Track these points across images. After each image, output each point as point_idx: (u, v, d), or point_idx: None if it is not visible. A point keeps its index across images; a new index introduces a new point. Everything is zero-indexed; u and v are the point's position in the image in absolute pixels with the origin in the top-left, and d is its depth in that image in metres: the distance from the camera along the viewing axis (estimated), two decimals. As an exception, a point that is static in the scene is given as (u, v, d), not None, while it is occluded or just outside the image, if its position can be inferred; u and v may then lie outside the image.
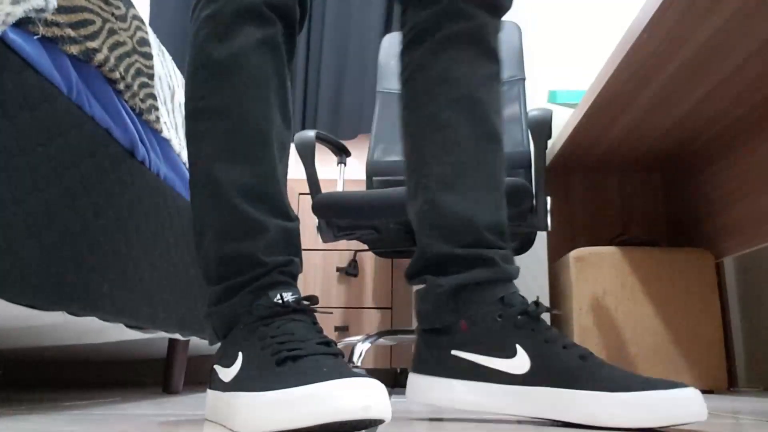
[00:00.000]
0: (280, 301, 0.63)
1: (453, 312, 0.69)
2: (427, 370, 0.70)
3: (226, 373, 0.62)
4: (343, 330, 1.99)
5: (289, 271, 0.68)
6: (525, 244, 1.72)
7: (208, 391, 0.68)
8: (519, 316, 0.66)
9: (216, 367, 0.66)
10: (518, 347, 0.65)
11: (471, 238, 0.70)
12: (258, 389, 0.54)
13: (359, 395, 0.49)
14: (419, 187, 0.74)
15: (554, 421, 0.63)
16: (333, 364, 0.55)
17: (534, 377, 0.63)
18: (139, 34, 1.01)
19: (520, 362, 0.64)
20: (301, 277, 2.04)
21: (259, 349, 0.60)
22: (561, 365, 0.62)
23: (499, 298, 0.68)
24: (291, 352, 0.57)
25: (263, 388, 0.53)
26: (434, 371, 0.70)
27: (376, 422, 0.51)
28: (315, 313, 0.65)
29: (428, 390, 0.70)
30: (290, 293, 0.64)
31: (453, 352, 0.68)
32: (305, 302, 0.65)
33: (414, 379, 0.72)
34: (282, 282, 0.66)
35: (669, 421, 0.56)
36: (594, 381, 0.60)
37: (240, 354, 0.62)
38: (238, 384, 0.58)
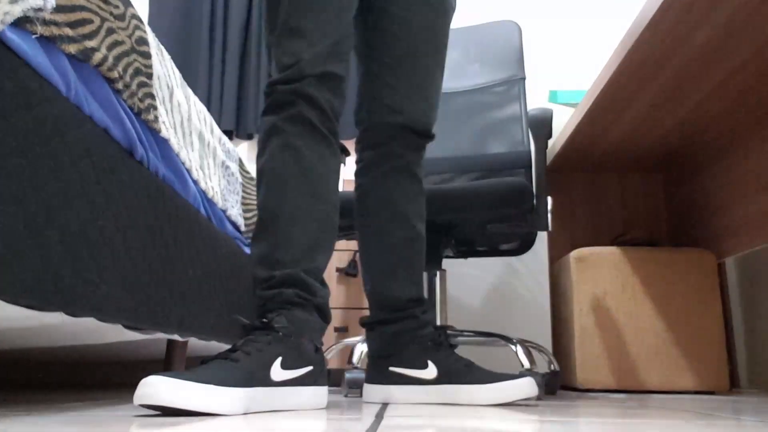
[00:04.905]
0: None
1: (390, 345, 1.11)
2: (375, 381, 1.12)
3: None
4: (342, 330, 1.99)
5: None
6: (525, 244, 1.71)
7: None
8: (429, 342, 1.09)
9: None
10: (429, 362, 1.08)
11: (400, 306, 1.13)
12: None
13: None
14: (367, 276, 1.16)
15: (452, 403, 1.04)
16: None
17: (439, 379, 1.06)
18: (138, 33, 1.01)
19: (430, 371, 1.07)
20: (301, 277, 2.03)
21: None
22: (455, 370, 1.05)
23: (417, 334, 1.11)
24: None
25: None
26: (380, 381, 1.11)
27: None
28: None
29: (378, 392, 1.11)
30: None
31: (390, 368, 1.10)
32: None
33: (367, 387, 1.13)
34: None
35: (513, 398, 1.01)
36: (474, 379, 1.03)
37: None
38: None
